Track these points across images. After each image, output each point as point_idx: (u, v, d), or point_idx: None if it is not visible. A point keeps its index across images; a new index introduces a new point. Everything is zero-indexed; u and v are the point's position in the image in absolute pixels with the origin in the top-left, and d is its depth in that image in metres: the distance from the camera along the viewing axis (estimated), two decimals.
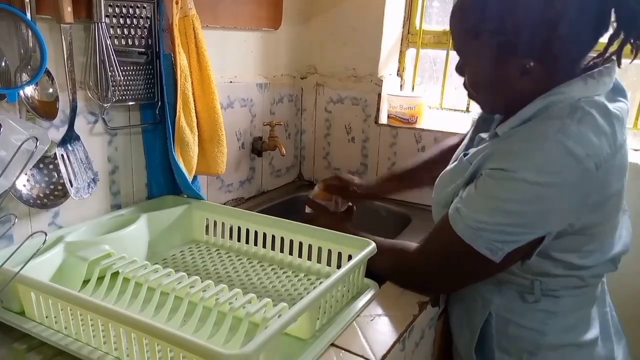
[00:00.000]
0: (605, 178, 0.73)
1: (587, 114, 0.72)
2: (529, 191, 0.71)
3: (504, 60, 0.76)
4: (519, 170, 0.71)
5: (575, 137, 0.70)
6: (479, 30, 0.76)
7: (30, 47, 0.79)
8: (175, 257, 1.01)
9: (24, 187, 0.84)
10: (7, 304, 0.76)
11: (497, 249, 0.74)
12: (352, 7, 1.45)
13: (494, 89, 0.81)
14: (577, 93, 0.74)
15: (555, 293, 0.83)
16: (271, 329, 0.61)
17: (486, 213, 0.74)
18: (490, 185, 0.75)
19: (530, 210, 0.73)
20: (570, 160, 0.70)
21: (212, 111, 1.08)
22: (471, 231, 0.75)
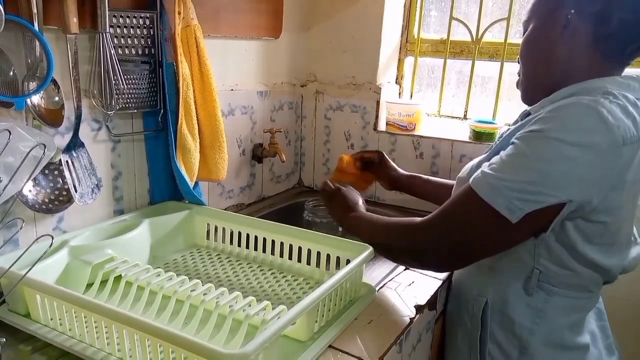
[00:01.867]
0: (628, 158, 0.72)
1: (618, 99, 0.73)
2: (557, 149, 0.70)
3: (553, 13, 0.79)
4: (550, 130, 0.71)
5: (608, 108, 0.71)
6: None
7: (37, 56, 0.82)
8: (177, 261, 1.03)
9: (29, 193, 0.86)
10: (13, 307, 0.78)
11: (516, 208, 0.71)
12: (352, 16, 1.47)
13: (537, 53, 0.83)
14: (610, 85, 0.76)
15: (550, 289, 0.83)
16: (270, 330, 0.62)
17: (510, 171, 0.73)
18: (519, 146, 0.74)
19: (556, 170, 0.70)
20: (602, 127, 0.70)
21: (213, 118, 1.10)
22: (491, 189, 0.73)
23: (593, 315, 0.91)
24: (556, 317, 0.84)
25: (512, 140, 0.76)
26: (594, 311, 0.92)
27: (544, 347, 0.85)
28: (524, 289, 0.84)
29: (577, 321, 0.86)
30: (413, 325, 0.85)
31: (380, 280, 0.98)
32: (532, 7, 0.86)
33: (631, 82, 0.78)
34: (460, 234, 0.78)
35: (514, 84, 0.93)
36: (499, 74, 1.41)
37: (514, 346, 0.87)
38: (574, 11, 0.77)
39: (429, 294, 0.93)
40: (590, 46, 0.79)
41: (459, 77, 1.52)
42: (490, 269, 0.88)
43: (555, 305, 0.84)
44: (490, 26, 1.41)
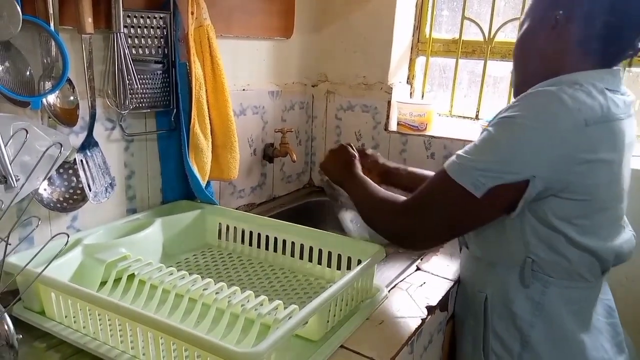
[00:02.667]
0: (595, 139, 0.77)
1: (583, 87, 0.79)
2: (521, 131, 0.76)
3: (544, 16, 0.85)
4: (516, 116, 0.77)
5: (570, 94, 0.77)
6: None
7: (53, 56, 0.83)
8: (189, 260, 1.03)
9: (44, 191, 0.87)
10: (28, 304, 0.79)
11: (480, 184, 0.77)
12: (363, 16, 1.47)
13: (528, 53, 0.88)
14: (580, 78, 0.81)
15: (546, 279, 0.84)
16: (282, 329, 0.63)
17: (478, 152, 0.79)
18: (489, 131, 0.80)
19: (519, 148, 0.76)
20: (563, 109, 0.75)
21: (225, 118, 1.11)
22: (460, 168, 0.79)
23: (602, 312, 0.91)
24: (554, 309, 0.85)
25: (485, 128, 0.83)
26: (604, 307, 0.91)
27: (545, 340, 0.86)
28: (520, 281, 0.86)
29: (578, 312, 0.86)
30: (424, 326, 0.85)
31: (391, 280, 0.98)
32: (529, 8, 0.91)
33: (605, 75, 0.82)
34: (435, 213, 0.83)
35: None
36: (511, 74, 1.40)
37: (515, 340, 0.87)
38: (562, 12, 0.82)
39: (440, 295, 0.93)
40: (575, 46, 0.83)
41: (470, 77, 1.51)
42: (487, 264, 0.90)
43: (552, 296, 0.85)
44: (503, 26, 1.40)
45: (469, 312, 0.94)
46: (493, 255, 0.89)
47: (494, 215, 0.82)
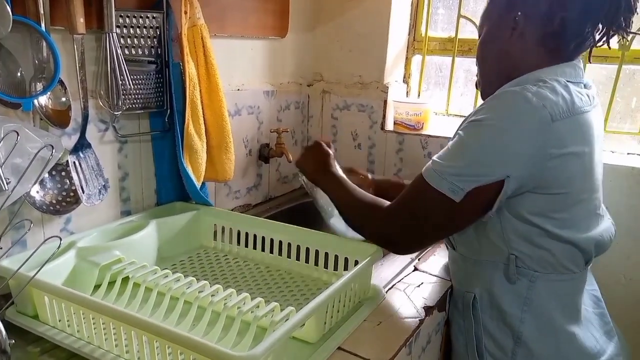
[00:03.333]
0: (562, 133, 0.78)
1: (547, 83, 0.81)
2: (490, 132, 0.78)
3: (502, 18, 0.87)
4: (483, 118, 0.79)
5: (534, 92, 0.78)
6: None
7: (44, 57, 0.82)
8: (184, 263, 1.03)
9: (37, 194, 0.86)
10: (21, 308, 0.78)
11: (457, 188, 0.78)
12: (358, 14, 1.46)
13: (490, 55, 0.91)
14: (545, 75, 0.83)
15: (531, 274, 0.85)
16: (279, 332, 0.62)
17: (452, 157, 0.81)
18: (459, 135, 0.82)
19: (491, 150, 0.78)
20: (528, 107, 0.77)
21: (220, 118, 1.10)
22: (437, 174, 0.80)
23: (590, 303, 0.92)
24: (543, 302, 0.86)
25: (457, 132, 0.85)
26: (590, 298, 0.93)
27: (537, 335, 0.86)
28: (506, 278, 0.87)
29: (566, 304, 0.87)
30: (422, 327, 0.85)
31: (388, 281, 0.97)
32: (484, 12, 0.93)
33: (566, 69, 0.85)
34: (416, 219, 0.84)
35: None
36: None
37: (507, 337, 0.88)
38: (520, 13, 0.85)
39: (438, 295, 0.93)
40: (537, 44, 0.85)
41: (467, 75, 1.51)
42: (474, 263, 0.90)
43: (539, 291, 0.85)
44: None
45: (459, 312, 0.94)
46: (477, 254, 0.89)
47: (474, 216, 0.84)
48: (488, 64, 0.93)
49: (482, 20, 0.93)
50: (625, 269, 1.21)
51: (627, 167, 1.17)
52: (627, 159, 1.24)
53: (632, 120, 1.29)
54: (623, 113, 1.30)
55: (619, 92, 1.27)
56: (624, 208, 1.17)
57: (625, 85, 1.29)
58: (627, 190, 1.17)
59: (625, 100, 1.29)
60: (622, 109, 1.30)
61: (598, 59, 1.25)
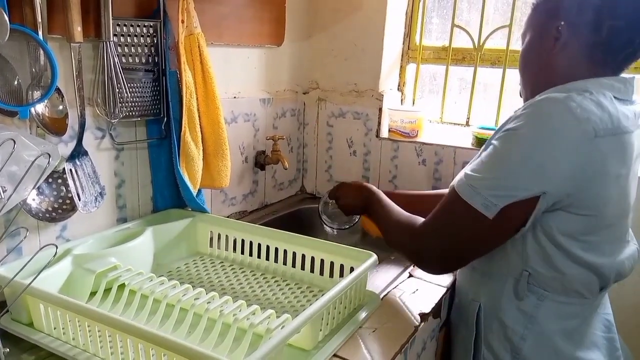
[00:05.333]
0: (603, 151, 0.74)
1: (593, 95, 0.76)
2: (529, 144, 0.73)
3: (545, 27, 0.83)
4: (522, 128, 0.74)
5: (579, 102, 0.74)
6: (538, 1, 0.86)
7: (41, 65, 0.82)
8: (180, 270, 1.03)
9: (33, 201, 0.86)
10: (16, 316, 0.78)
11: (491, 204, 0.74)
12: (354, 23, 1.48)
13: (532, 65, 0.87)
14: (591, 85, 0.78)
15: (541, 293, 0.83)
16: (274, 339, 0.62)
17: (486, 170, 0.76)
18: (495, 146, 0.77)
19: (528, 163, 0.73)
20: (571, 119, 0.72)
21: (216, 126, 1.10)
22: (470, 189, 0.76)
23: (600, 327, 0.90)
24: (547, 323, 0.84)
25: (491, 142, 0.80)
26: (602, 322, 0.90)
27: (536, 354, 0.85)
28: (514, 293, 0.85)
29: (572, 329, 0.85)
30: (418, 334, 0.85)
31: (384, 287, 0.98)
32: (527, 20, 0.89)
33: (615, 83, 0.80)
34: (448, 236, 0.81)
35: (516, 90, 0.94)
36: (501, 80, 1.41)
37: (506, 351, 0.87)
38: (564, 23, 0.80)
39: (433, 302, 0.93)
40: (583, 55, 0.81)
41: (461, 83, 1.52)
42: (483, 274, 0.89)
43: (546, 311, 0.84)
44: (492, 33, 1.41)
45: (463, 320, 0.94)
46: (489, 266, 0.87)
47: (506, 233, 0.80)
48: (529, 74, 0.89)
49: (526, 28, 0.89)
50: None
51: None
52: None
53: None
54: None
55: None
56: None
57: None
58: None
59: None
60: None
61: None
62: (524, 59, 0.89)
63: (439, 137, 1.46)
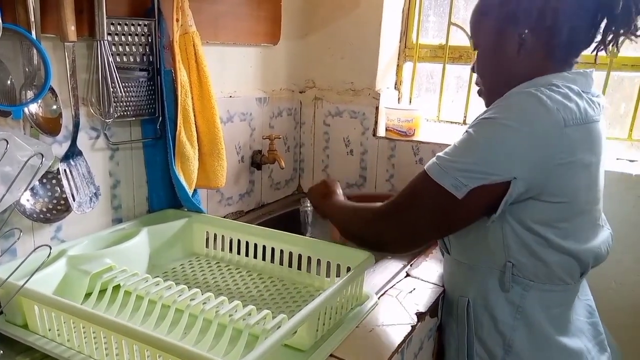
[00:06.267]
0: (573, 140, 0.77)
1: (560, 88, 0.80)
2: (501, 131, 0.76)
3: (504, 33, 0.85)
4: (495, 117, 0.78)
5: (548, 95, 0.77)
6: (490, 7, 0.87)
7: (35, 65, 0.81)
8: (176, 270, 1.02)
9: (27, 202, 0.85)
10: (11, 317, 0.77)
11: (461, 184, 0.76)
12: (350, 22, 1.47)
13: (495, 69, 0.89)
14: (556, 80, 0.82)
15: (526, 283, 0.84)
16: (271, 340, 0.62)
17: (458, 153, 0.79)
18: (469, 132, 0.80)
19: (499, 150, 0.76)
20: (542, 109, 0.76)
21: (212, 125, 1.10)
22: (439, 169, 0.79)
23: (583, 313, 0.92)
24: (535, 312, 0.85)
25: (466, 130, 0.82)
26: (584, 308, 0.92)
27: (528, 344, 0.86)
28: (500, 285, 0.86)
29: (558, 316, 0.87)
30: (415, 333, 0.85)
31: (381, 287, 0.97)
32: (476, 25, 0.91)
33: (577, 77, 0.84)
34: (415, 216, 0.82)
35: None
36: None
37: (498, 345, 0.88)
38: (527, 31, 0.83)
39: (430, 301, 0.93)
40: (546, 56, 0.84)
41: (457, 82, 1.52)
42: (468, 268, 0.90)
43: (532, 300, 0.85)
44: None
45: (452, 317, 0.95)
46: (473, 260, 0.89)
47: (474, 216, 0.82)
48: (492, 78, 0.91)
49: (476, 34, 0.91)
50: (616, 275, 1.22)
51: (616, 173, 1.18)
52: (616, 164, 1.25)
53: (621, 126, 1.31)
54: (612, 119, 1.31)
55: (608, 98, 1.29)
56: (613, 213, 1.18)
57: (614, 91, 1.30)
58: (617, 195, 1.18)
59: (614, 106, 1.31)
60: (611, 115, 1.31)
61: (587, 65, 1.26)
62: (483, 64, 0.91)
63: (436, 136, 1.45)
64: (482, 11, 0.89)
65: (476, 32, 0.92)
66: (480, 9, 0.90)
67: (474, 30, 0.92)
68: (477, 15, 0.91)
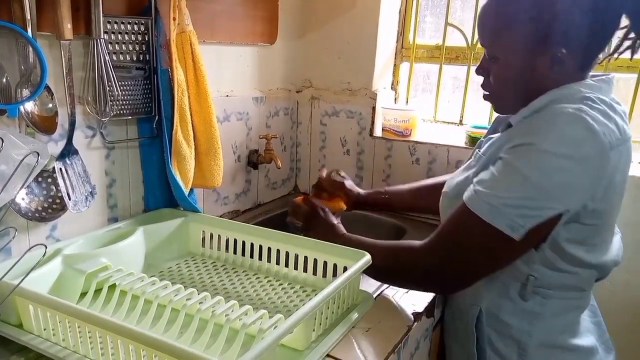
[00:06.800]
0: (614, 162, 0.74)
1: (597, 103, 0.76)
2: (551, 162, 0.71)
3: (536, 51, 0.79)
4: (540, 143, 0.72)
5: (592, 116, 0.73)
6: (515, 22, 0.79)
7: (30, 63, 0.81)
8: (172, 270, 1.02)
9: (22, 201, 0.85)
10: (5, 317, 0.77)
11: (518, 225, 0.72)
12: (347, 22, 1.47)
13: (521, 83, 0.82)
14: (585, 89, 0.78)
15: (545, 292, 0.84)
16: (267, 340, 0.62)
17: (507, 189, 0.73)
18: (511, 161, 0.74)
19: (552, 182, 0.72)
20: (589, 134, 0.72)
21: (208, 125, 1.10)
22: (491, 208, 0.73)
23: (587, 313, 0.92)
24: (552, 319, 0.85)
25: (501, 155, 0.77)
26: (590, 308, 0.92)
27: (542, 349, 0.86)
28: (519, 296, 0.85)
29: (572, 321, 0.87)
30: (411, 333, 0.85)
31: (377, 287, 0.97)
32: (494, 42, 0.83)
33: (602, 85, 0.80)
34: (463, 256, 0.79)
35: None
36: None
37: (512, 350, 0.87)
38: (565, 50, 0.77)
39: (426, 301, 0.93)
40: (577, 67, 0.80)
41: (454, 82, 1.52)
42: (485, 280, 0.87)
43: (551, 308, 0.85)
44: None
45: (462, 325, 0.93)
46: None
47: (527, 250, 0.79)
48: (510, 88, 0.84)
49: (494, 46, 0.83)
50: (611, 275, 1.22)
51: None
52: None
53: None
54: None
55: None
56: None
57: None
58: None
59: None
60: None
61: None
62: (502, 78, 0.84)
63: (432, 136, 1.46)
64: (505, 25, 0.80)
65: (495, 44, 0.83)
66: (502, 22, 0.81)
67: (492, 42, 0.84)
68: (497, 29, 0.82)
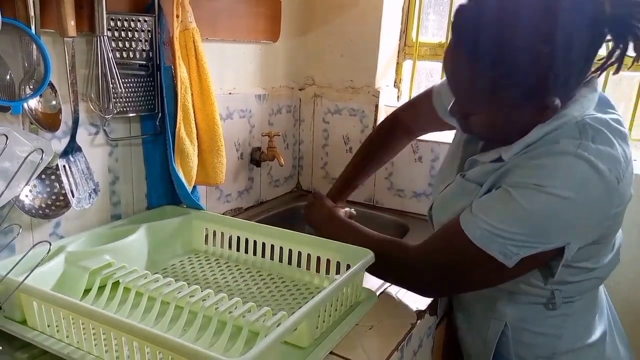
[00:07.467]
0: (624, 190, 0.75)
1: (598, 131, 0.73)
2: (554, 205, 0.71)
3: (527, 104, 0.74)
4: (545, 185, 0.71)
5: (596, 153, 0.71)
6: (497, 86, 0.72)
7: (34, 60, 0.81)
8: (175, 267, 1.02)
9: (26, 198, 0.85)
10: (9, 313, 0.77)
11: (511, 253, 0.73)
12: (350, 19, 1.47)
13: (508, 127, 0.79)
14: (576, 112, 0.75)
15: (572, 298, 0.85)
16: (270, 337, 0.62)
17: (506, 222, 0.73)
18: (515, 196, 0.73)
19: (552, 224, 0.72)
20: (594, 175, 0.71)
21: (211, 122, 1.10)
22: (486, 234, 0.74)
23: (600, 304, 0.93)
24: (580, 317, 0.87)
25: (504, 186, 0.75)
26: None
27: (571, 350, 0.87)
28: (546, 307, 0.86)
29: (598, 315, 0.90)
30: (414, 331, 0.85)
31: (380, 284, 0.97)
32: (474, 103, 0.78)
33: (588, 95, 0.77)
34: (452, 273, 0.81)
35: None
36: None
37: (541, 355, 0.88)
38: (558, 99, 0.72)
39: (429, 299, 0.93)
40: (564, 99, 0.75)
41: None
42: (509, 293, 0.87)
43: (578, 308, 0.86)
44: None
45: (479, 336, 0.93)
46: (517, 288, 0.85)
47: (520, 275, 0.80)
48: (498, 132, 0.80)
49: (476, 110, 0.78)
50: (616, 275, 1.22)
51: None
52: None
53: None
54: None
55: None
56: None
57: (613, 91, 1.30)
58: None
59: None
60: None
61: None
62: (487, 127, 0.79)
63: (435, 134, 1.45)
64: (490, 89, 0.73)
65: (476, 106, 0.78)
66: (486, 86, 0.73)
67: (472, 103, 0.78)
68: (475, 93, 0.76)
